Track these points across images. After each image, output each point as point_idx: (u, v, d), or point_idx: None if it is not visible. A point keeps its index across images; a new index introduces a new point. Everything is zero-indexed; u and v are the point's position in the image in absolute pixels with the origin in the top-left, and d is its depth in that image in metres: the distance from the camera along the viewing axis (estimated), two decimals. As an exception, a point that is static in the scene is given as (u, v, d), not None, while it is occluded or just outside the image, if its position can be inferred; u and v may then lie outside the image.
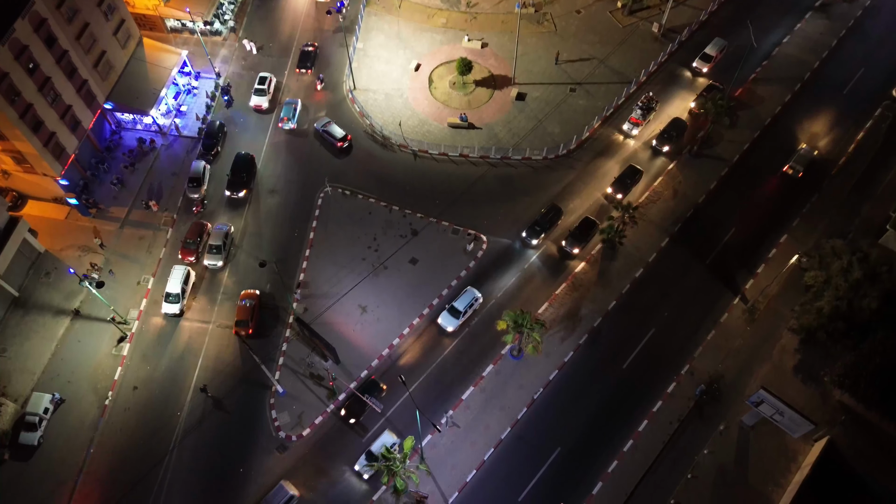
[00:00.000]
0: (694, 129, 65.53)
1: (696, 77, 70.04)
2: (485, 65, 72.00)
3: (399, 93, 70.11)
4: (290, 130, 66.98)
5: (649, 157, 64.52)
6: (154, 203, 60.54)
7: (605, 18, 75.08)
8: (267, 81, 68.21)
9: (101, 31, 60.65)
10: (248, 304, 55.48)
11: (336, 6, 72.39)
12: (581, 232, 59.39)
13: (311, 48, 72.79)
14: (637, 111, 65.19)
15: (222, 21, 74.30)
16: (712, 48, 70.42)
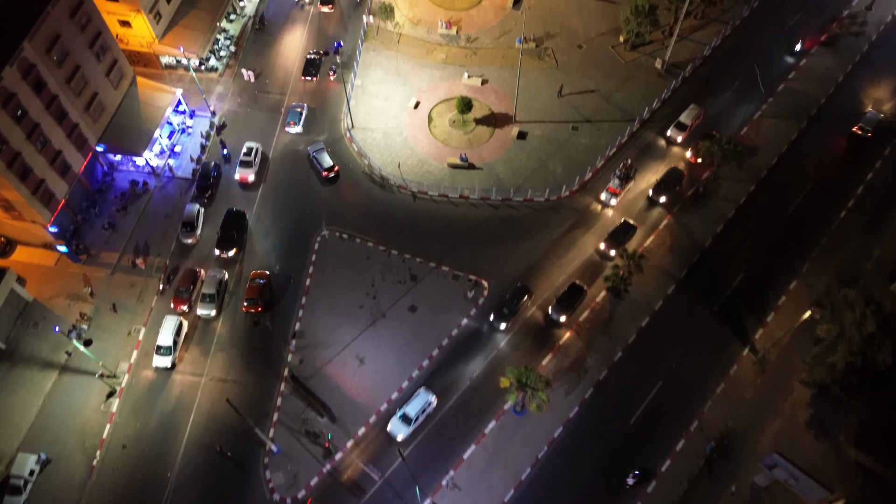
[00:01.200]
0: (692, 178, 63.74)
1: (671, 146, 66.49)
2: (485, 101, 70.64)
3: (398, 131, 68.70)
4: (297, 140, 67.63)
5: (645, 208, 62.58)
6: (141, 261, 58.73)
7: (607, 53, 73.81)
8: (253, 152, 64.16)
9: (92, 73, 59.31)
10: (259, 282, 57.33)
11: (333, 47, 71.03)
12: (568, 298, 56.41)
13: (317, 56, 72.83)
14: (615, 181, 62.04)
15: (218, 57, 73.08)
16: (687, 116, 66.45)
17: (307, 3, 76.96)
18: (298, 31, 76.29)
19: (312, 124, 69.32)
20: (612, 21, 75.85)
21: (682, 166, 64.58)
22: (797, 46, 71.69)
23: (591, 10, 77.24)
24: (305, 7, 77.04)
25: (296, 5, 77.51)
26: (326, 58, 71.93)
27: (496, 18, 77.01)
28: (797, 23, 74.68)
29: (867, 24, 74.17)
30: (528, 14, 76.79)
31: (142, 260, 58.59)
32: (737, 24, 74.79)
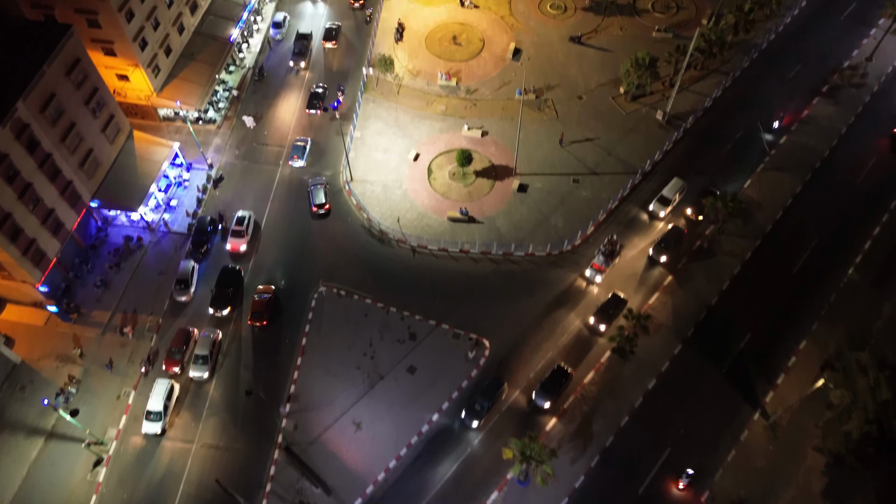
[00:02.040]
0: (694, 235, 62.49)
1: (654, 221, 63.95)
2: (485, 153, 69.99)
3: (397, 184, 67.88)
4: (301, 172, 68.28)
5: (646, 268, 61.16)
6: (129, 329, 57.13)
7: (608, 104, 73.45)
8: (245, 221, 62.58)
9: (88, 129, 58.67)
10: (264, 297, 58.42)
11: (332, 104, 70.70)
12: (552, 383, 53.11)
13: (321, 89, 73.90)
14: (599, 257, 59.71)
15: (216, 108, 72.67)
16: (670, 191, 63.88)
17: (302, 68, 76.65)
18: (297, 85, 76.20)
19: (317, 157, 69.68)
20: (611, 72, 75.74)
21: (683, 223, 63.55)
22: (775, 124, 69.50)
23: (591, 61, 77.22)
24: (301, 73, 76.66)
25: (290, 70, 77.04)
26: (325, 112, 71.50)
27: (496, 69, 76.92)
28: (798, 73, 74.59)
29: (868, 74, 73.99)
30: (527, 65, 76.86)
31: (130, 328, 56.93)
32: (737, 76, 74.61)
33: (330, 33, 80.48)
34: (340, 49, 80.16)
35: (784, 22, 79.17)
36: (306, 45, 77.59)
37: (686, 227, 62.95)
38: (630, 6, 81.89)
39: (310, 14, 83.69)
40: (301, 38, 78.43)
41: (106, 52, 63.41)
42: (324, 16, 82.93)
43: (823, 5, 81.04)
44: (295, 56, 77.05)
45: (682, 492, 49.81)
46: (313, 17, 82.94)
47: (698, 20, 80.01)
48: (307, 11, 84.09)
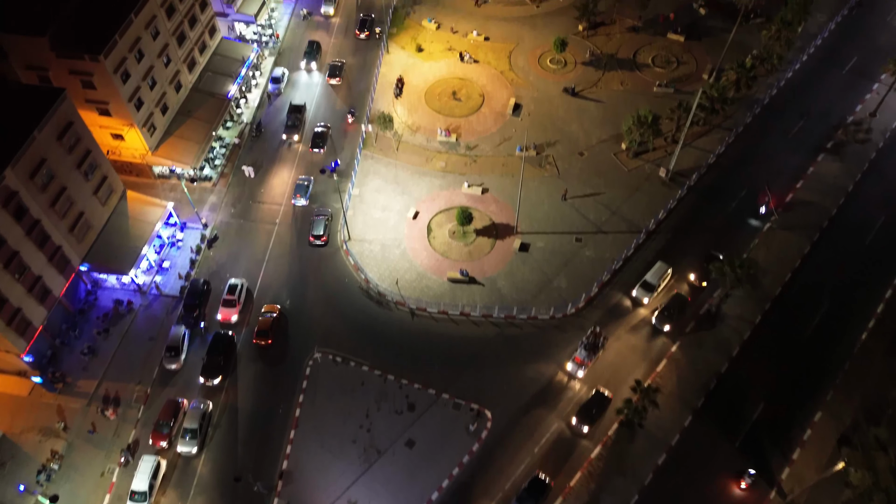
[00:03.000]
0: (698, 301, 60.52)
1: (638, 308, 60.55)
2: (486, 211, 68.65)
3: (396, 243, 66.36)
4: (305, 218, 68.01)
5: (649, 336, 58.90)
6: (112, 411, 54.66)
7: (610, 161, 72.44)
8: (237, 290, 60.41)
9: (79, 193, 57.37)
10: (270, 315, 59.37)
11: (330, 166, 69.72)
12: (530, 496, 49.51)
13: (325, 129, 74.33)
14: (581, 351, 56.10)
15: (213, 166, 71.61)
16: (654, 275, 60.73)
17: (295, 141, 73.86)
18: (290, 157, 74.36)
19: (321, 196, 69.85)
20: (613, 127, 74.93)
21: (686, 289, 61.57)
22: (762, 209, 66.02)
23: (592, 117, 76.50)
24: (293, 146, 73.87)
25: (283, 143, 74.18)
26: (323, 175, 70.45)
27: (496, 125, 76.15)
28: (801, 129, 73.75)
29: (872, 130, 73.20)
30: (527, 121, 76.18)
31: (112, 410, 54.48)
32: (740, 131, 73.79)
33: (334, 70, 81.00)
34: (344, 87, 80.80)
35: (786, 76, 78.77)
36: (299, 117, 74.88)
37: (689, 295, 60.94)
38: (630, 61, 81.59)
39: (304, 83, 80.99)
40: (294, 111, 75.54)
41: (101, 112, 62.60)
42: (319, 85, 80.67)
43: (825, 59, 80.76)
44: (288, 129, 74.10)
45: (743, 491, 50.10)
46: (308, 87, 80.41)
47: (699, 75, 79.67)
48: (301, 81, 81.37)
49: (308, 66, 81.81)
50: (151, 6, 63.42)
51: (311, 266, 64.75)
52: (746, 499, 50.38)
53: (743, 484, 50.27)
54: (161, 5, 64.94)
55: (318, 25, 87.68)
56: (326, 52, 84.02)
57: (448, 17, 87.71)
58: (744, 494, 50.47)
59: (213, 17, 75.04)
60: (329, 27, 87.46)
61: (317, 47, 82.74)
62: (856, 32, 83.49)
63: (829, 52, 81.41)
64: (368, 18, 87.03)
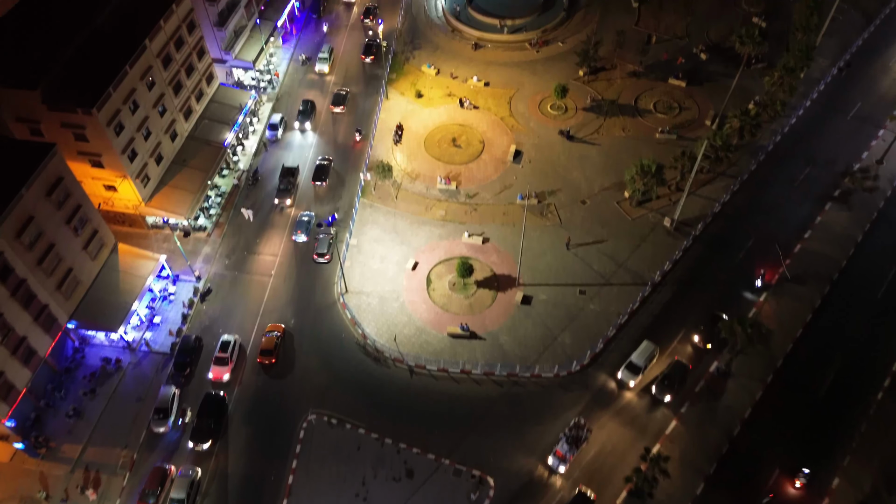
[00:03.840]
0: (700, 369, 57.79)
1: (623, 391, 57.05)
2: (486, 262, 66.97)
3: (395, 295, 64.52)
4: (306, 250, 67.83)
5: (648, 408, 56.13)
6: (92, 491, 51.98)
7: (613, 209, 70.98)
8: (230, 347, 58.32)
9: (68, 249, 55.71)
10: (274, 335, 59.65)
11: (327, 220, 68.21)
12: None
13: (326, 161, 74.37)
14: (563, 444, 52.47)
15: (207, 215, 70.14)
16: (640, 356, 57.38)
17: (287, 206, 71.15)
18: (281, 222, 71.83)
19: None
20: (615, 175, 73.63)
21: (690, 349, 59.19)
22: (757, 282, 63.14)
23: (594, 164, 75.31)
24: (285, 210, 71.06)
25: (275, 208, 71.40)
26: (320, 228, 68.92)
27: (496, 173, 74.92)
28: (807, 177, 72.48)
29: (880, 178, 71.92)
30: (528, 168, 75.00)
31: (92, 490, 51.79)
32: (745, 179, 72.49)
33: (339, 98, 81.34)
34: (347, 115, 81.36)
35: (789, 122, 77.84)
36: (292, 181, 71.99)
37: (691, 362, 58.06)
38: (632, 107, 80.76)
39: (297, 144, 78.08)
40: (287, 174, 72.52)
41: (93, 164, 61.31)
42: (312, 146, 77.57)
43: (828, 105, 79.86)
44: (280, 193, 71.02)
45: (798, 491, 50.33)
46: (301, 149, 77.42)
47: (701, 121, 78.73)
48: (295, 141, 78.37)
49: (302, 125, 79.08)
50: (147, 57, 62.63)
51: (307, 320, 62.81)
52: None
53: (797, 483, 50.91)
54: (157, 55, 64.18)
55: (313, 84, 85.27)
56: (321, 111, 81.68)
57: (447, 63, 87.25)
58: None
59: (210, 65, 74.37)
60: (324, 85, 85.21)
61: (311, 107, 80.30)
62: (859, 78, 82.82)
63: (832, 98, 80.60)
64: (374, 43, 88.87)
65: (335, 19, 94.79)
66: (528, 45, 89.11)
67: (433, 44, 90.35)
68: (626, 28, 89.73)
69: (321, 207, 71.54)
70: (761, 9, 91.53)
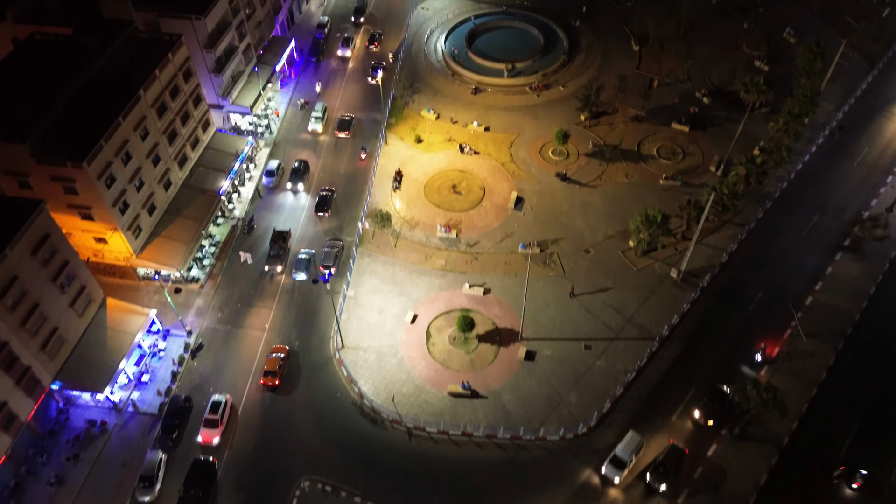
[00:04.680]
0: (699, 450, 54.38)
1: (607, 488, 52.95)
2: (488, 314, 64.83)
3: (393, 351, 62.23)
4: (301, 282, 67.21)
5: (641, 499, 52.01)
6: None
7: (617, 259, 69.10)
8: (221, 408, 55.85)
9: (54, 308, 53.53)
10: (278, 356, 59.97)
11: (323, 277, 66.07)
12: None
13: (328, 192, 74.26)
14: None
15: (201, 266, 68.20)
16: (625, 449, 53.11)
17: (278, 272, 67.47)
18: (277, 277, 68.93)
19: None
20: (619, 222, 71.96)
21: (689, 427, 55.93)
22: (757, 356, 59.57)
23: (597, 211, 73.66)
24: (276, 277, 67.38)
25: (264, 275, 67.63)
26: (315, 285, 66.93)
27: (497, 220, 73.23)
28: (815, 225, 70.83)
29: (890, 226, 70.25)
30: (530, 215, 73.36)
31: None
32: (752, 228, 70.80)
33: (344, 124, 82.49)
34: (351, 141, 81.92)
35: (795, 169, 76.49)
36: (283, 246, 68.62)
37: (690, 440, 54.86)
38: (634, 152, 79.53)
39: (289, 206, 74.57)
40: (278, 238, 69.18)
41: (83, 216, 59.54)
42: (305, 208, 74.21)
43: (834, 151, 78.57)
44: (271, 259, 67.58)
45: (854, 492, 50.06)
46: (293, 211, 73.95)
47: (706, 167, 77.40)
48: (287, 203, 74.92)
49: (294, 186, 75.73)
50: (142, 107, 61.37)
51: (301, 379, 60.41)
52: None
53: (854, 484, 51.14)
54: (152, 105, 62.91)
55: (306, 143, 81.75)
56: (314, 172, 78.24)
57: (447, 107, 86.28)
58: None
59: (206, 111, 73.16)
60: (317, 145, 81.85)
61: (304, 167, 77.17)
62: (864, 122, 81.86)
63: (838, 144, 79.42)
64: (379, 65, 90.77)
65: (330, 76, 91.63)
66: (529, 89, 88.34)
67: (433, 88, 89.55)
68: (627, 72, 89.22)
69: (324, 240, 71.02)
70: (763, 52, 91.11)
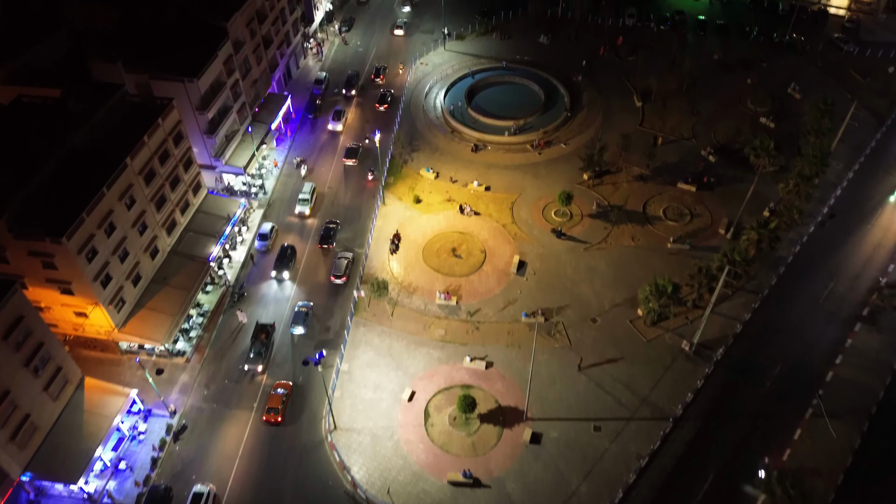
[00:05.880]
0: None
1: None
2: (490, 391, 61.18)
3: (388, 432, 58.35)
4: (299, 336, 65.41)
5: None
6: None
7: (626, 329, 65.77)
8: (202, 500, 51.92)
9: (26, 394, 49.93)
10: (280, 392, 59.61)
11: (313, 358, 62.26)
12: None
13: (333, 225, 75.09)
14: None
15: (187, 338, 64.75)
16: None
17: (259, 372, 61.66)
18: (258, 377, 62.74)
19: (321, 325, 66.70)
20: (626, 289, 68.82)
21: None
22: (761, 473, 52.49)
23: (603, 277, 70.63)
24: (256, 378, 61.58)
25: (245, 374, 61.82)
26: (305, 367, 63.09)
27: (499, 286, 70.12)
28: (831, 293, 67.72)
29: (909, 294, 67.52)
30: (533, 281, 70.28)
31: None
32: (765, 295, 67.72)
33: (352, 152, 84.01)
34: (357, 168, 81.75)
35: (808, 231, 73.83)
36: (266, 342, 63.07)
37: None
38: (640, 213, 76.92)
39: (273, 297, 68.92)
40: (260, 332, 63.63)
41: (63, 291, 56.40)
42: (290, 298, 68.44)
43: (847, 212, 76.12)
44: (252, 360, 61.87)
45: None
46: (277, 302, 68.20)
47: (715, 229, 74.64)
48: (270, 294, 69.20)
49: (279, 275, 70.32)
50: (128, 175, 58.76)
51: (290, 464, 56.34)
52: None
53: None
54: (139, 173, 60.35)
55: (292, 227, 76.19)
56: (301, 258, 72.66)
57: (447, 166, 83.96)
58: None
59: (198, 174, 70.70)
60: (304, 229, 75.96)
61: (291, 253, 71.73)
62: (874, 181, 79.61)
63: (850, 204, 77.00)
64: (388, 93, 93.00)
65: (321, 150, 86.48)
66: (530, 146, 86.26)
67: (432, 145, 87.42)
68: (630, 128, 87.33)
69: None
70: (768, 108, 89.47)
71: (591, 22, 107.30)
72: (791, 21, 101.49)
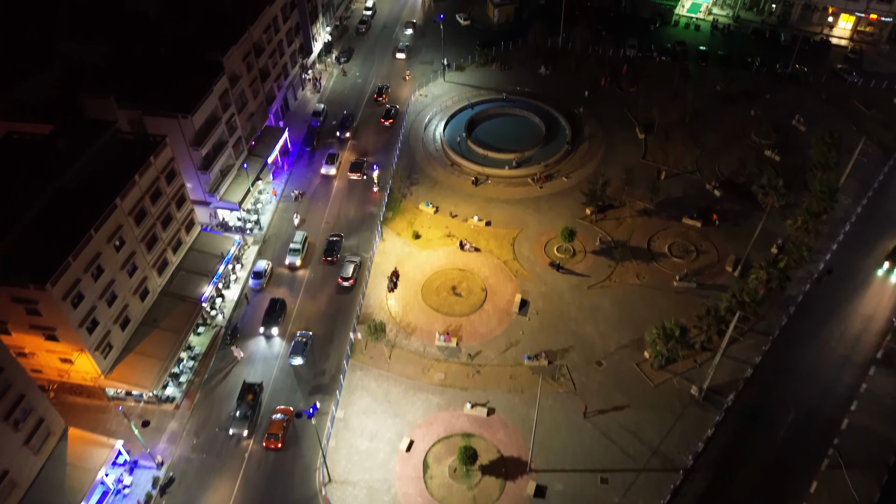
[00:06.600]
0: None
1: None
2: (492, 440, 58.70)
3: (385, 486, 55.72)
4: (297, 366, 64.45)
5: None
6: None
7: (632, 372, 63.48)
8: None
9: (5, 449, 47.60)
10: (281, 418, 58.65)
11: (308, 411, 59.72)
12: None
13: (337, 238, 75.63)
14: None
15: (177, 383, 62.37)
16: None
17: (244, 437, 58.31)
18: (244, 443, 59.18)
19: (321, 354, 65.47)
20: (632, 329, 66.70)
21: None
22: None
23: (608, 317, 68.47)
24: (242, 442, 58.11)
25: (230, 438, 58.36)
26: (299, 419, 60.32)
27: (500, 326, 67.93)
28: (843, 334, 65.59)
29: (924, 337, 65.34)
30: (536, 321, 68.16)
31: None
32: (776, 337, 65.58)
33: (357, 166, 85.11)
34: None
35: (818, 269, 71.82)
36: (253, 403, 59.43)
37: None
38: (645, 250, 74.97)
39: (261, 355, 65.08)
40: (247, 392, 59.89)
41: (47, 337, 54.23)
42: (279, 356, 64.89)
43: (856, 248, 73.93)
44: (237, 422, 58.35)
45: None
46: (266, 361, 64.56)
47: (721, 266, 72.64)
48: (258, 351, 65.41)
49: (268, 331, 66.52)
50: (118, 216, 56.88)
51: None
52: None
53: None
54: (129, 213, 58.50)
55: (283, 280, 72.57)
56: (292, 311, 68.97)
57: (447, 200, 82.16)
58: None
59: (191, 212, 68.88)
60: (294, 282, 72.35)
61: (280, 307, 67.99)
62: (884, 216, 77.82)
63: (858, 240, 75.01)
64: (394, 108, 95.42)
65: (314, 194, 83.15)
66: (531, 180, 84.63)
67: (431, 179, 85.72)
68: (632, 161, 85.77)
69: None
70: (772, 141, 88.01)
71: (591, 52, 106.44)
72: (794, 52, 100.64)
